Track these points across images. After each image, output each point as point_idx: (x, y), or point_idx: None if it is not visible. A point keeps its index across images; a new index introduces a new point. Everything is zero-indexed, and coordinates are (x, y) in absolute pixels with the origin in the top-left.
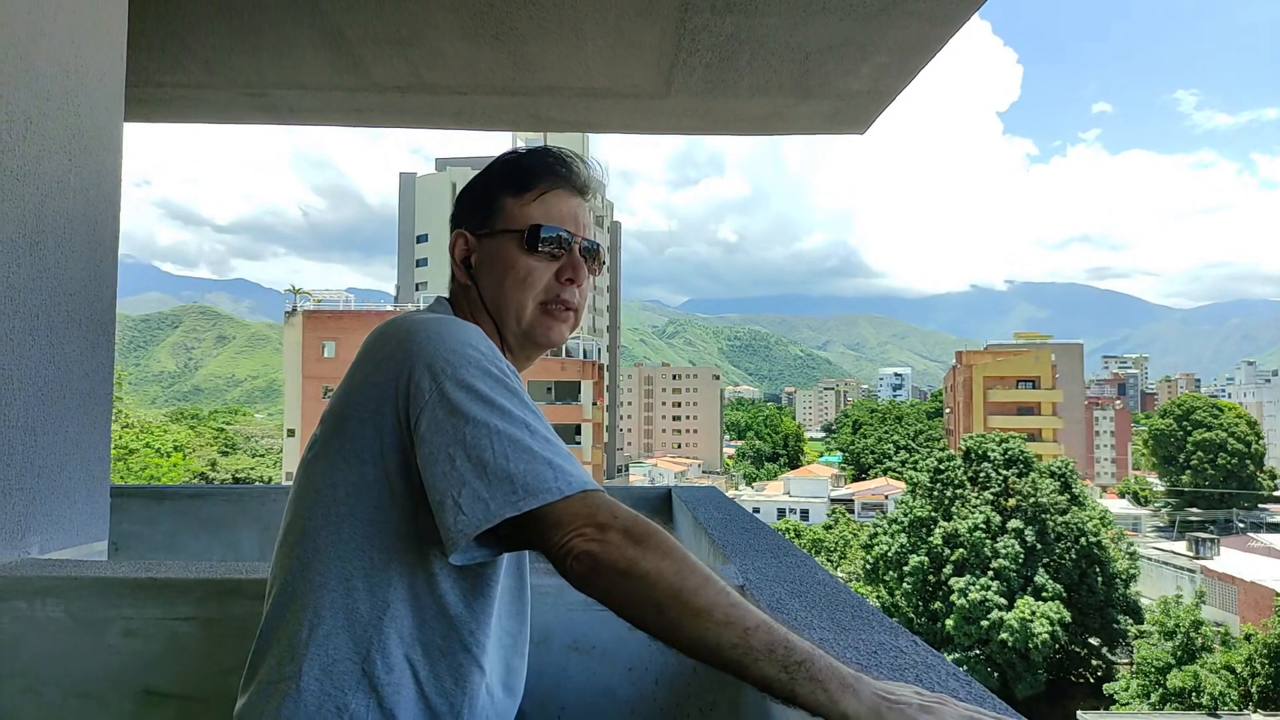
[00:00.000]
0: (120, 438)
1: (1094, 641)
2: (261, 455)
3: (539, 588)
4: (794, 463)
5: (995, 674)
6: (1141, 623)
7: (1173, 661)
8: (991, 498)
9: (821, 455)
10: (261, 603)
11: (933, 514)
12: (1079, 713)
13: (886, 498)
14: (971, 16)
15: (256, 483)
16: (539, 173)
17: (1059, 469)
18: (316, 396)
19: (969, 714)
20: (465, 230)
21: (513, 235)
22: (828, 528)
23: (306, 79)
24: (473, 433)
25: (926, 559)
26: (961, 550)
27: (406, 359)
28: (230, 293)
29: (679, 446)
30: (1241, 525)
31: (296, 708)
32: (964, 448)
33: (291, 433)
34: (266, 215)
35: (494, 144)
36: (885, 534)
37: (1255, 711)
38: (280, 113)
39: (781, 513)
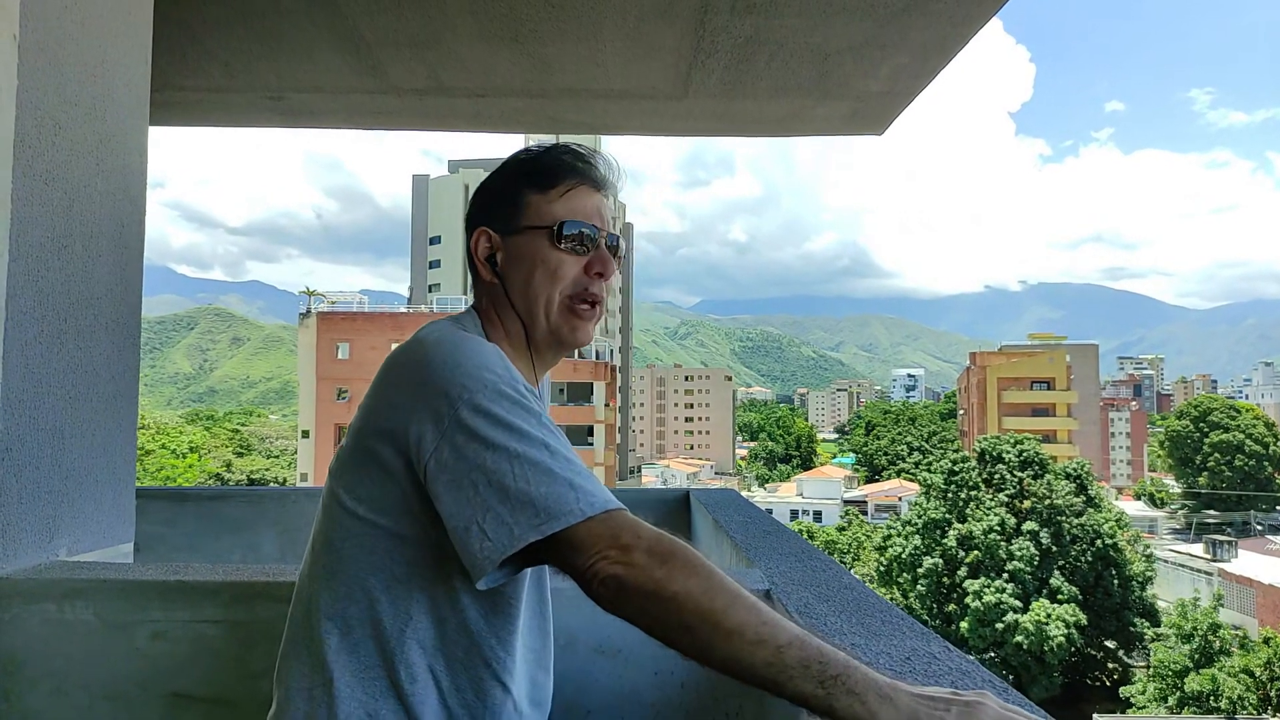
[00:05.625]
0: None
1: (1110, 644)
2: (276, 456)
3: (562, 591)
4: (807, 464)
5: (1010, 677)
6: (1158, 625)
7: (1190, 665)
8: (1006, 499)
9: (834, 456)
10: (288, 605)
11: (947, 516)
12: (1095, 716)
13: (900, 499)
14: (992, 16)
15: (273, 484)
16: (563, 169)
17: (1074, 470)
18: (331, 398)
19: (1007, 713)
20: (488, 228)
21: (541, 231)
22: (841, 529)
23: (325, 82)
24: (493, 458)
25: (941, 561)
26: (976, 552)
27: (424, 384)
28: (244, 294)
29: (691, 448)
30: (1259, 527)
31: (331, 713)
32: (978, 449)
33: (306, 434)
34: (280, 217)
35: (505, 145)
36: (899, 536)
37: (1274, 715)
38: (299, 116)
39: (794, 514)
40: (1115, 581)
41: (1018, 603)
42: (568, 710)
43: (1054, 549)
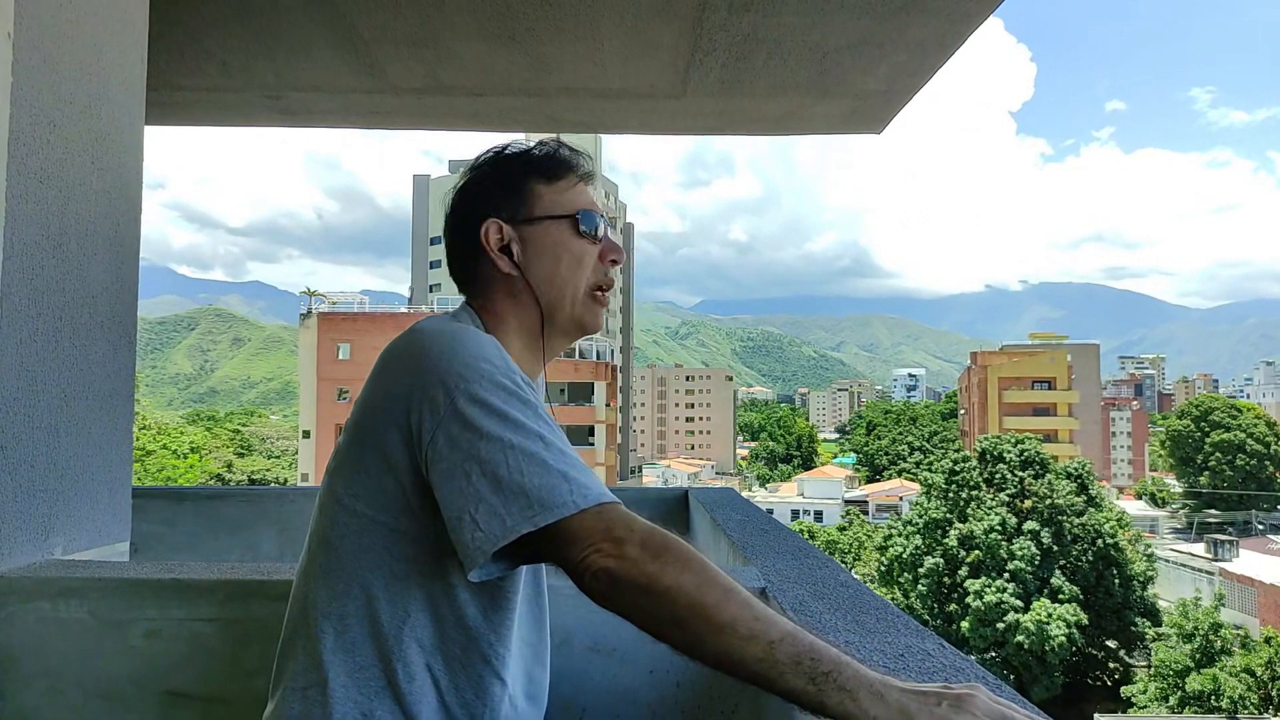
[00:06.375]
0: (137, 439)
1: (1111, 644)
2: (277, 456)
3: (558, 589)
4: (808, 464)
5: (1011, 676)
6: (1159, 625)
7: (1191, 664)
8: (1007, 499)
9: (835, 456)
10: (284, 604)
11: (948, 516)
12: (1096, 715)
13: (901, 499)
14: (990, 14)
15: (273, 484)
16: (567, 162)
17: (1075, 470)
18: (331, 398)
19: (999, 707)
20: (498, 218)
21: (561, 220)
22: (842, 529)
23: (323, 81)
24: (487, 448)
25: (941, 561)
26: (977, 552)
27: (421, 374)
28: (245, 295)
29: (692, 448)
30: (1261, 527)
31: (325, 713)
32: (979, 449)
33: (307, 434)
34: (280, 217)
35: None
36: (900, 536)
37: (1275, 715)
38: (297, 115)
39: (795, 514)
40: (1116, 581)
41: (1019, 602)
42: (563, 708)
43: (1055, 548)
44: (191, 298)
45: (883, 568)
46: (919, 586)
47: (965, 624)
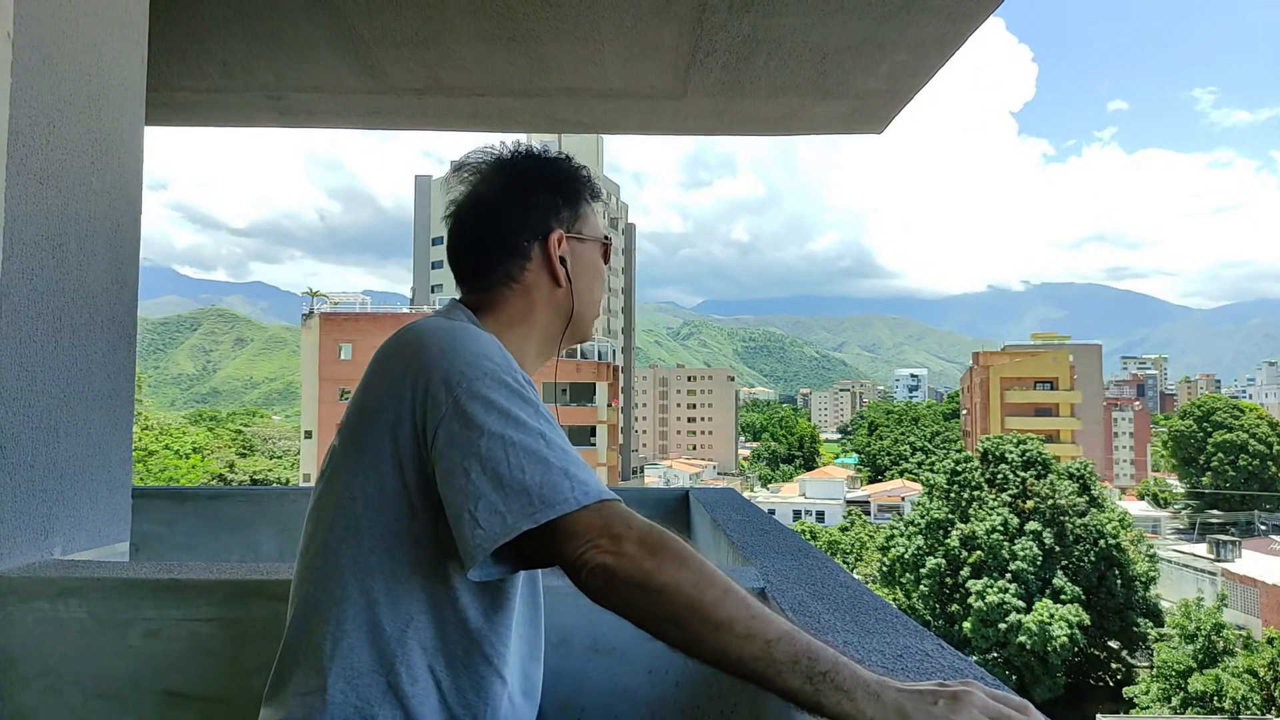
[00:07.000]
0: (140, 440)
1: (1113, 644)
2: (279, 457)
3: (558, 589)
4: (809, 464)
5: (1013, 677)
6: (1162, 626)
7: (1194, 665)
8: (1009, 499)
9: (837, 457)
10: (283, 604)
11: (950, 516)
12: (1098, 716)
13: (903, 499)
14: (991, 14)
15: (274, 484)
16: (599, 187)
17: (1077, 470)
18: (333, 399)
19: (995, 704)
20: (563, 231)
21: (600, 244)
22: (844, 530)
23: (324, 82)
24: (488, 445)
25: (943, 561)
26: (979, 552)
27: (422, 372)
28: (247, 295)
29: (694, 448)
30: (1263, 527)
31: (325, 718)
32: (981, 449)
33: (309, 434)
34: (283, 218)
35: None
36: (902, 536)
37: (1278, 716)
38: (298, 116)
39: (797, 514)
40: (1118, 581)
41: (1021, 603)
42: (562, 708)
43: (1057, 549)
44: (194, 298)
45: (885, 568)
46: (921, 587)
47: (967, 624)
